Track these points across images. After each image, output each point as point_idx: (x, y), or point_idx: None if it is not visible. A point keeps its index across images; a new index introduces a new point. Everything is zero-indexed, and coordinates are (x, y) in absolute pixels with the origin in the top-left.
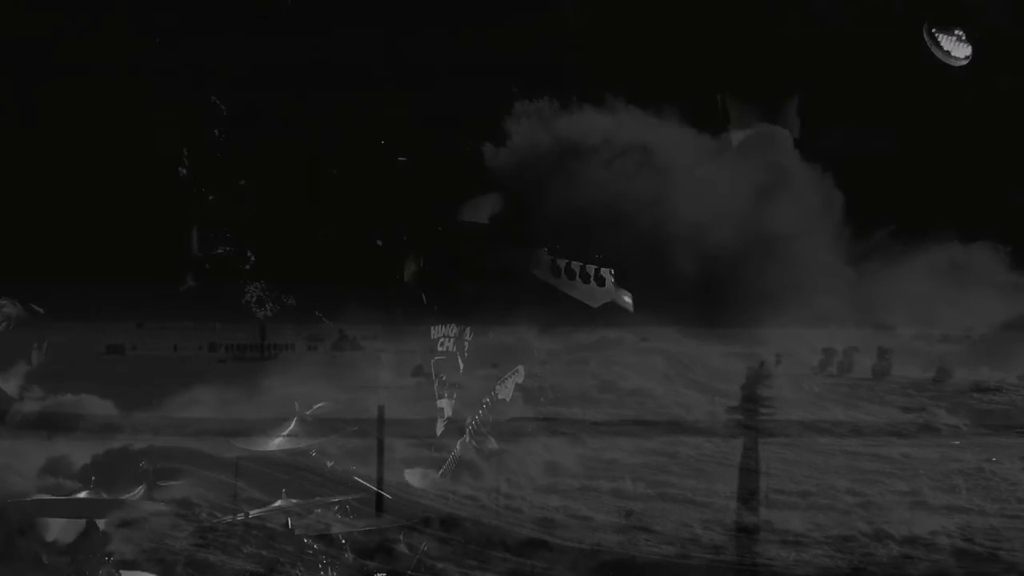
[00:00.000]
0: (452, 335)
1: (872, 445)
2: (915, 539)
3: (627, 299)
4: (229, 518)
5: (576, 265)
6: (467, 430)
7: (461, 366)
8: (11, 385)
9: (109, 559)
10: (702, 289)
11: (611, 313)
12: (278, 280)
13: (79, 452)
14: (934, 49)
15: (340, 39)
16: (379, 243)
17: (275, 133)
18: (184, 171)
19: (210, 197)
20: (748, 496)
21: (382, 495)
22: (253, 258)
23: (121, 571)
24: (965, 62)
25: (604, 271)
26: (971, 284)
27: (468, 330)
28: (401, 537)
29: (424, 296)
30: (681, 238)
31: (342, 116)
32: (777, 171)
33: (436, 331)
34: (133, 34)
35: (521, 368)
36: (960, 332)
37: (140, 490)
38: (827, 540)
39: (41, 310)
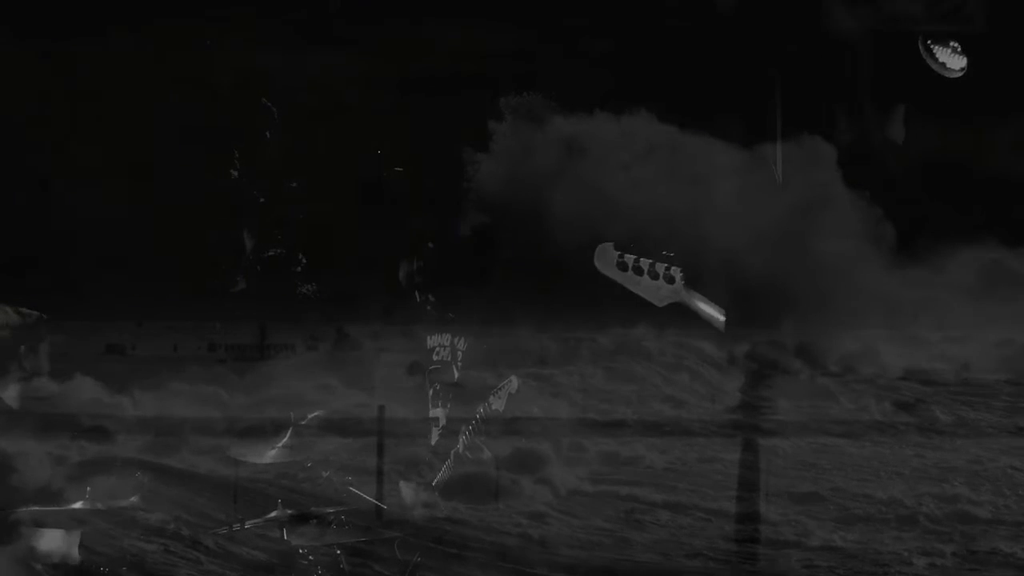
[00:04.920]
0: (447, 344)
1: (884, 447)
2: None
3: (720, 316)
4: (224, 530)
5: (645, 262)
6: (461, 439)
7: (456, 374)
8: (9, 392)
9: (103, 571)
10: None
11: (614, 312)
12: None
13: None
14: (929, 61)
15: None
16: (430, 245)
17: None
18: (235, 173)
19: (261, 199)
20: (749, 498)
21: (380, 506)
22: (304, 260)
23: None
24: (960, 74)
25: (674, 269)
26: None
27: (462, 340)
28: (396, 549)
29: (418, 295)
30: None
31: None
32: (819, 189)
33: (432, 340)
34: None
35: (514, 378)
36: (1002, 337)
37: (134, 500)
38: (871, 554)
39: (37, 314)
